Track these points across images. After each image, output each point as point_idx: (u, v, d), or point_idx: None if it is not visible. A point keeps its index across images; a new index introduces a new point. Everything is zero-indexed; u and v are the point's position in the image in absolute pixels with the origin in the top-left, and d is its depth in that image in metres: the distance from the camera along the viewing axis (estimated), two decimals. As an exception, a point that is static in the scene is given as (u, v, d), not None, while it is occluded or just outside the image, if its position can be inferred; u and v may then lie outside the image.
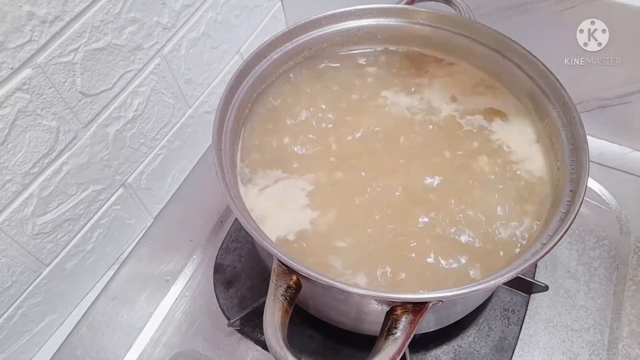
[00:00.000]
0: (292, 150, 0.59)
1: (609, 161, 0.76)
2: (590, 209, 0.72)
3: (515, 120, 0.60)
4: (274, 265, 0.45)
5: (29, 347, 0.64)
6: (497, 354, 0.60)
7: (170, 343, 0.63)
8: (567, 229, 0.45)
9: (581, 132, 0.51)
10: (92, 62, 0.56)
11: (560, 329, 0.62)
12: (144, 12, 0.61)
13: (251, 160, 0.58)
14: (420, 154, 0.58)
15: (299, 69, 0.65)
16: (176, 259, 0.70)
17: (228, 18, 0.76)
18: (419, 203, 0.54)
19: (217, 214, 0.74)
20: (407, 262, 0.50)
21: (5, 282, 0.56)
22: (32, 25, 0.49)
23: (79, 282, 0.68)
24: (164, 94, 0.69)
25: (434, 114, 0.62)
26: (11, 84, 0.49)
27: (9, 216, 0.54)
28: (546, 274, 0.66)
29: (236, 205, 0.47)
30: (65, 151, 0.58)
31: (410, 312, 0.42)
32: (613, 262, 0.67)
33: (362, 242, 0.52)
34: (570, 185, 0.50)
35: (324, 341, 0.61)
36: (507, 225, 0.52)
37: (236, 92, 0.58)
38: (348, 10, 0.63)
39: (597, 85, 0.73)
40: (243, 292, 0.66)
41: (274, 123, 0.61)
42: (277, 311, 0.42)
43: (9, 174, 0.52)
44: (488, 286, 0.43)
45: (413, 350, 0.59)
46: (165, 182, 0.77)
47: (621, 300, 0.64)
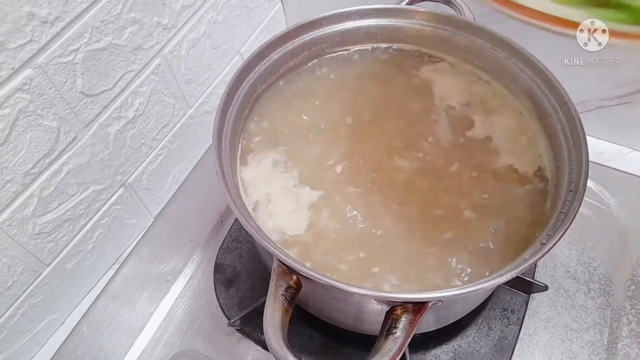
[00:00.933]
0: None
1: (608, 161, 0.76)
2: (590, 209, 0.72)
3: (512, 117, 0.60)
4: (274, 265, 0.45)
5: (30, 346, 0.64)
6: (496, 353, 0.60)
7: (171, 343, 0.63)
8: (567, 229, 0.45)
9: (581, 132, 0.51)
10: (92, 63, 0.56)
11: (560, 328, 0.62)
12: (144, 12, 0.61)
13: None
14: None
15: (300, 69, 0.65)
16: (176, 259, 0.70)
17: (228, 18, 0.76)
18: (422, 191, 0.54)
19: (217, 214, 0.74)
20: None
21: (5, 282, 0.56)
22: (32, 25, 0.49)
23: (80, 282, 0.68)
24: (165, 94, 0.69)
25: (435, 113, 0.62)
26: (12, 84, 0.49)
27: (9, 216, 0.54)
28: (546, 273, 0.66)
29: (236, 205, 0.47)
30: (66, 151, 0.58)
31: (410, 312, 0.42)
32: (613, 262, 0.67)
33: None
34: (569, 185, 0.50)
35: (324, 341, 0.61)
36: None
37: (236, 93, 0.58)
38: (348, 10, 0.63)
39: (597, 85, 0.73)
40: (243, 292, 0.66)
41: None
42: (277, 311, 0.42)
43: (9, 174, 0.52)
44: (488, 286, 0.43)
45: (413, 350, 0.60)
46: (165, 182, 0.77)
47: (621, 300, 0.64)
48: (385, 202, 0.54)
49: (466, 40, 0.63)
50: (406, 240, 0.52)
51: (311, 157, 0.58)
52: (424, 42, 0.66)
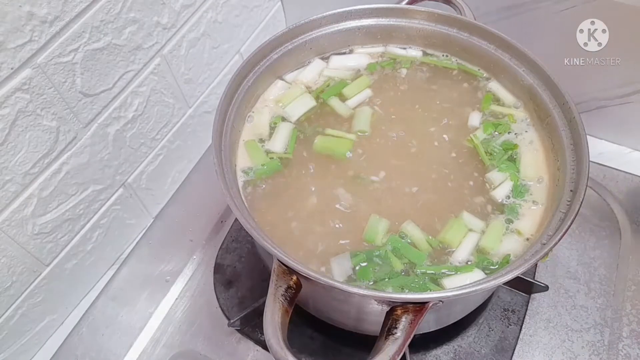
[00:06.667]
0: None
1: (609, 161, 0.76)
2: (590, 209, 0.72)
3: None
4: (274, 265, 0.45)
5: (29, 347, 0.64)
6: (497, 354, 0.60)
7: (170, 343, 0.63)
8: (567, 229, 0.45)
9: (581, 132, 0.51)
10: (92, 62, 0.56)
11: (560, 329, 0.62)
12: (144, 12, 0.61)
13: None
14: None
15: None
16: (176, 259, 0.70)
17: (228, 18, 0.76)
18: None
19: (217, 214, 0.74)
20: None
21: (5, 282, 0.56)
22: (32, 25, 0.48)
23: (79, 282, 0.68)
24: (164, 94, 0.69)
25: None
26: (11, 84, 0.49)
27: (9, 216, 0.54)
28: (546, 274, 0.66)
29: (236, 205, 0.47)
30: (65, 151, 0.58)
31: (411, 312, 0.42)
32: (613, 262, 0.67)
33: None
34: (570, 185, 0.50)
35: (324, 341, 0.61)
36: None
37: (236, 92, 0.58)
38: (348, 10, 0.63)
39: (597, 85, 0.73)
40: (243, 292, 0.66)
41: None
42: (277, 311, 0.42)
43: (9, 174, 0.52)
44: (488, 286, 0.43)
45: (413, 350, 0.59)
46: (165, 182, 0.77)
47: (621, 300, 0.64)
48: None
49: (466, 40, 0.63)
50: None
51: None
52: (424, 41, 0.66)
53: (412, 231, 0.52)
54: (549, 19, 0.70)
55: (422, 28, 0.64)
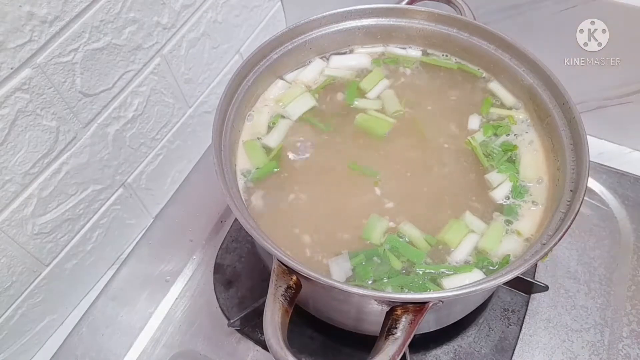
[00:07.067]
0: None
1: (609, 161, 0.76)
2: (590, 209, 0.72)
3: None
4: (274, 265, 0.45)
5: (29, 347, 0.64)
6: (497, 354, 0.60)
7: (170, 343, 0.63)
8: (567, 229, 0.45)
9: (581, 132, 0.51)
10: (91, 62, 0.56)
11: (560, 329, 0.62)
12: (143, 12, 0.61)
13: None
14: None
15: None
16: (176, 259, 0.70)
17: (228, 18, 0.76)
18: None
19: (217, 214, 0.74)
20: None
21: (5, 282, 0.56)
22: (32, 25, 0.48)
23: (79, 282, 0.68)
24: (164, 94, 0.69)
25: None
26: (11, 84, 0.49)
27: (8, 216, 0.54)
28: (546, 274, 0.66)
29: (236, 205, 0.47)
30: (65, 151, 0.58)
31: (411, 312, 0.42)
32: (613, 262, 0.67)
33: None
34: (570, 185, 0.50)
35: (324, 341, 0.61)
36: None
37: (236, 92, 0.58)
38: (348, 10, 0.63)
39: (597, 85, 0.73)
40: (243, 292, 0.66)
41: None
42: (277, 311, 0.42)
43: (8, 174, 0.52)
44: (488, 286, 0.43)
45: (413, 350, 0.59)
46: (165, 182, 0.77)
47: (621, 300, 0.64)
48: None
49: (466, 40, 0.63)
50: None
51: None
52: (424, 41, 0.66)
53: (409, 231, 0.52)
54: (549, 19, 0.70)
55: (422, 28, 0.64)
